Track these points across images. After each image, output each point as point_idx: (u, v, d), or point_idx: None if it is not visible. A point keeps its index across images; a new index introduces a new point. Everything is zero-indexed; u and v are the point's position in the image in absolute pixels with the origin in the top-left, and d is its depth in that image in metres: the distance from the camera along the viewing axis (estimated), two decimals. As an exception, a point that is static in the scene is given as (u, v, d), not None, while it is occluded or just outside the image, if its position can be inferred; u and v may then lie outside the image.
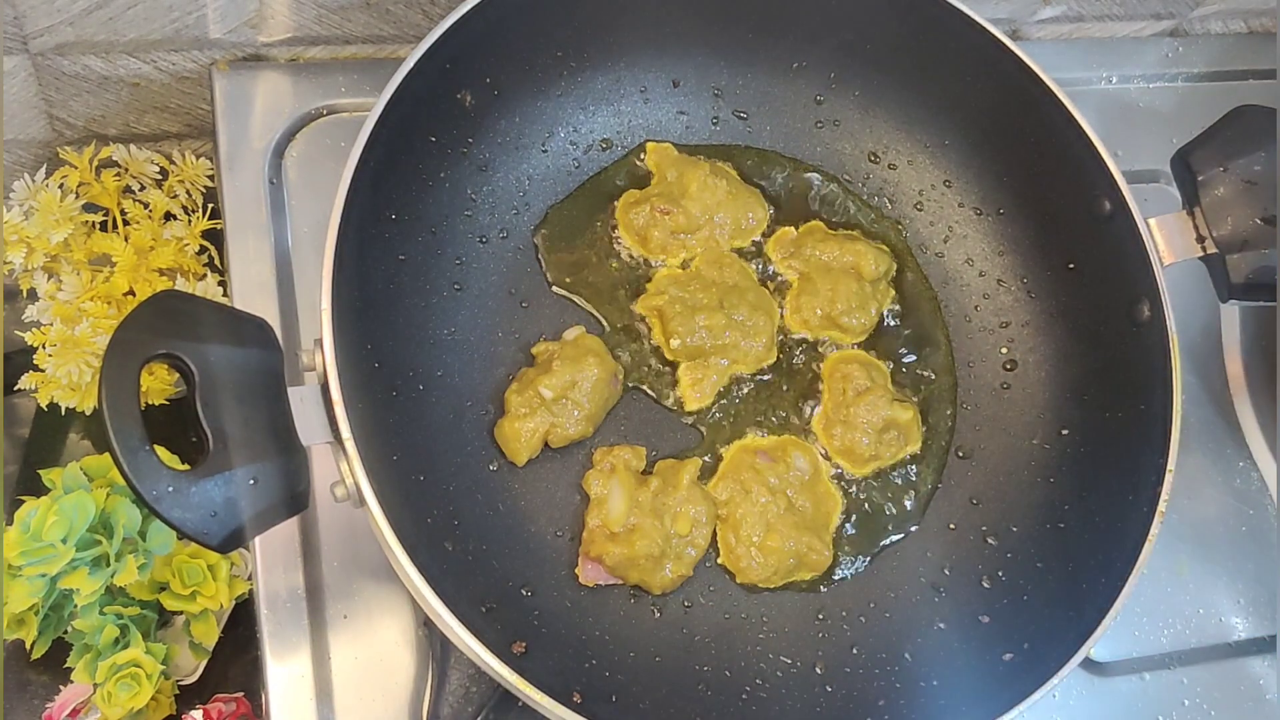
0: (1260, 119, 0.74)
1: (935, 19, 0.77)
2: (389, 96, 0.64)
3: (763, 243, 0.81)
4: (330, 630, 0.70)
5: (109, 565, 0.83)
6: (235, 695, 0.89)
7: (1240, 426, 0.91)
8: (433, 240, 0.72)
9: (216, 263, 0.89)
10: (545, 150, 0.79)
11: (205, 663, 0.90)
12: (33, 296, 0.85)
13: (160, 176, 0.89)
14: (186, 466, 0.52)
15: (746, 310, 0.76)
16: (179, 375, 0.54)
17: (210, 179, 0.89)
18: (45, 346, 0.82)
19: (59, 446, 0.98)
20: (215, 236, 0.86)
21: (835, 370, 0.77)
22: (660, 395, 0.76)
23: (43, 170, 0.86)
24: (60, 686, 0.87)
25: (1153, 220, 0.73)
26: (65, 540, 0.81)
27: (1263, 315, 0.94)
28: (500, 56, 0.73)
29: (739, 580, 0.72)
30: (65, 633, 0.87)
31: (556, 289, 0.77)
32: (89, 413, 0.86)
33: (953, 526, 0.76)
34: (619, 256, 0.79)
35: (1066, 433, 0.76)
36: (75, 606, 0.83)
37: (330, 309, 0.59)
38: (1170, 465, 0.68)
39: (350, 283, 0.62)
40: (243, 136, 0.81)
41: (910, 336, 0.81)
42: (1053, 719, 0.79)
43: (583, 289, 0.77)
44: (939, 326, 0.82)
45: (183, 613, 0.88)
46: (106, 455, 0.88)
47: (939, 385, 0.80)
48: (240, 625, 0.91)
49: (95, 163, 0.87)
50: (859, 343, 0.79)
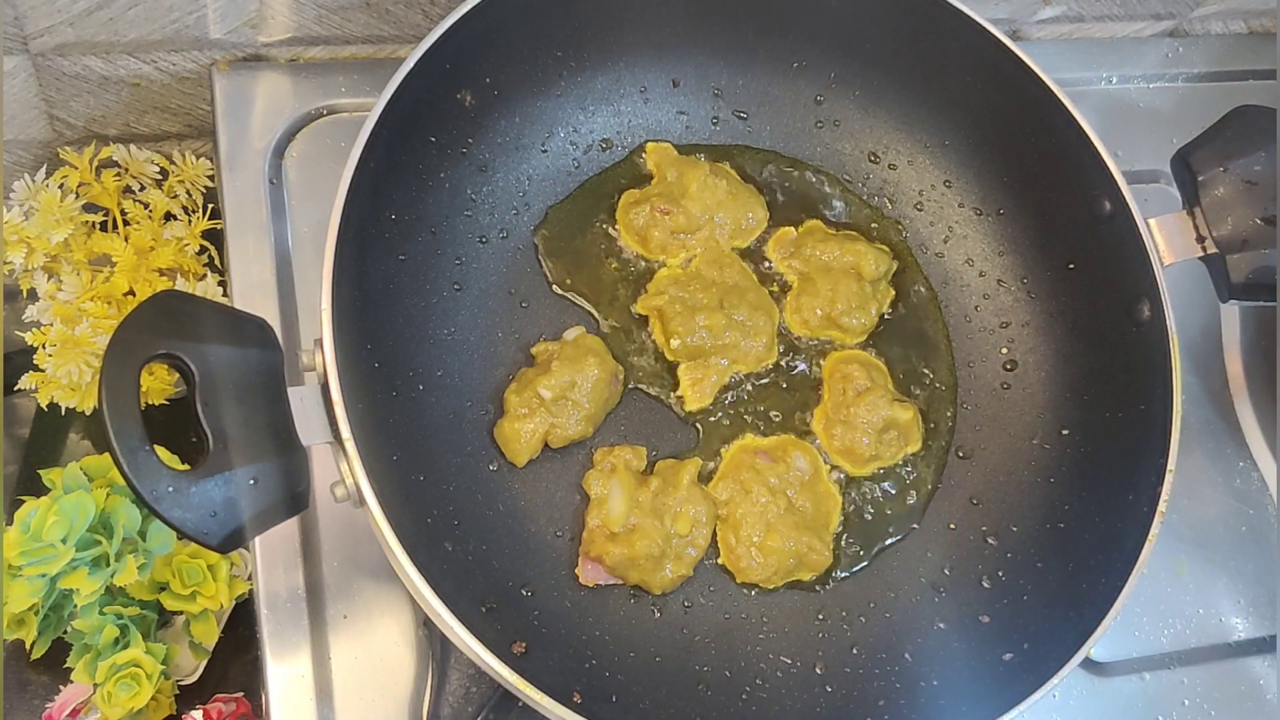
0: (1260, 119, 0.74)
1: (935, 19, 0.77)
2: (389, 96, 0.64)
3: (763, 243, 0.81)
4: (330, 630, 0.70)
5: (109, 565, 0.83)
6: (235, 695, 0.89)
7: (1240, 426, 0.91)
8: (433, 240, 0.72)
9: (216, 263, 0.89)
10: (545, 150, 0.79)
11: (205, 663, 0.90)
12: (33, 296, 0.85)
13: (160, 176, 0.89)
14: (186, 466, 0.52)
15: (746, 310, 0.76)
16: (179, 375, 0.54)
17: (210, 179, 0.89)
18: (45, 346, 0.82)
19: (59, 446, 0.98)
20: (215, 236, 0.86)
21: (835, 370, 0.77)
22: (660, 395, 0.76)
23: (43, 170, 0.86)
24: (60, 686, 0.87)
25: (1153, 220, 0.73)
26: (65, 540, 0.81)
27: (1263, 315, 0.94)
28: (500, 56, 0.73)
29: (739, 580, 0.72)
30: (65, 633, 0.87)
31: (556, 289, 0.77)
32: (89, 413, 0.86)
33: (953, 526, 0.76)
34: (619, 256, 0.79)
35: (1066, 433, 0.76)
36: (75, 606, 0.83)
37: (330, 309, 0.59)
38: (1170, 465, 0.68)
39: (350, 283, 0.62)
40: (243, 136, 0.81)
41: (910, 336, 0.81)
42: (1053, 719, 0.79)
43: (583, 289, 0.77)
44: (939, 327, 0.82)
45: (183, 613, 0.88)
46: (106, 455, 0.88)
47: (939, 385, 0.80)
48: (240, 625, 0.91)
49: (95, 163, 0.87)
50: (859, 343, 0.79)
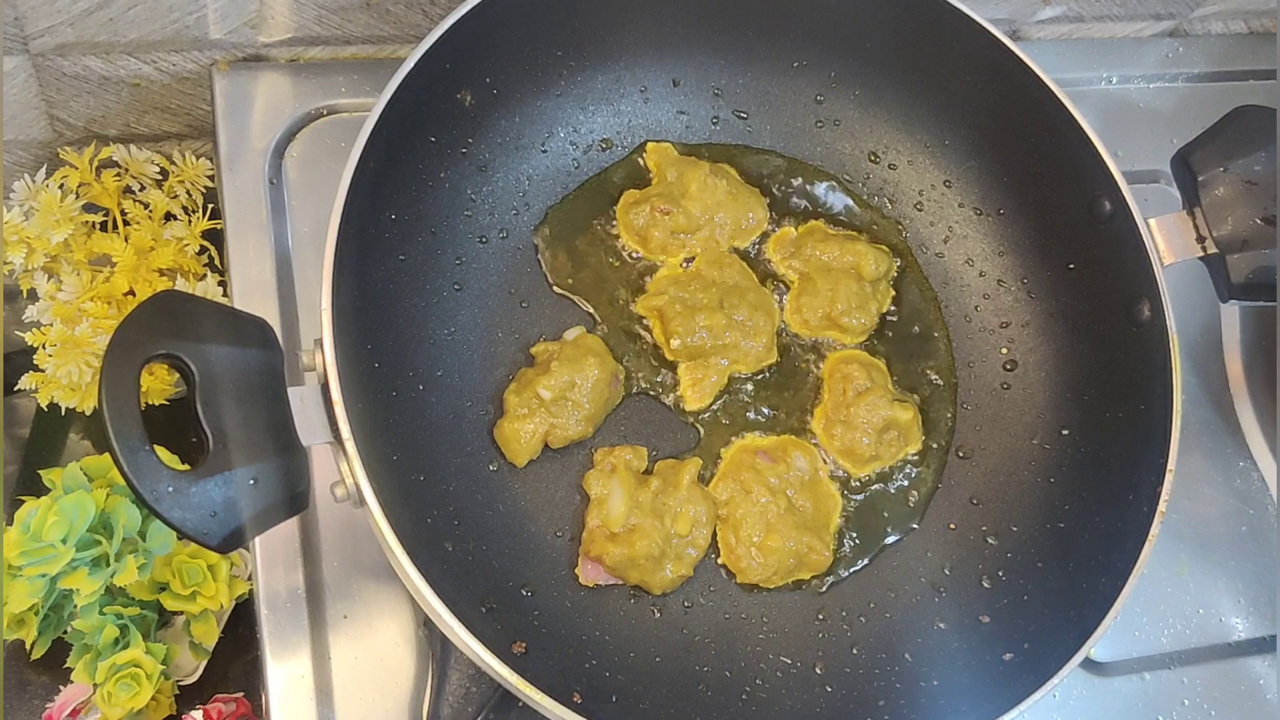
0: (1260, 119, 0.74)
1: (935, 19, 0.77)
2: (389, 96, 0.64)
3: (763, 243, 0.81)
4: (330, 630, 0.71)
5: (109, 565, 0.83)
6: (235, 695, 0.89)
7: (1240, 426, 0.91)
8: (433, 240, 0.72)
9: (216, 263, 0.89)
10: (545, 150, 0.79)
11: (205, 663, 0.90)
12: (33, 296, 0.85)
13: (160, 177, 0.89)
14: (186, 466, 0.52)
15: (747, 310, 0.76)
16: (179, 375, 0.54)
17: (210, 179, 0.89)
18: (45, 346, 0.82)
19: (59, 446, 0.98)
20: (215, 236, 0.86)
21: (835, 370, 0.77)
22: (660, 395, 0.76)
23: (43, 170, 0.86)
24: (60, 686, 0.87)
25: (1153, 220, 0.73)
26: (65, 540, 0.81)
27: (1263, 315, 0.94)
28: (500, 56, 0.73)
29: (739, 580, 0.72)
30: (65, 633, 0.87)
31: (556, 289, 0.77)
32: (89, 413, 0.86)
33: (953, 526, 0.76)
34: (619, 256, 0.79)
35: (1066, 433, 0.76)
36: (75, 606, 0.83)
37: (330, 309, 0.59)
38: (1170, 465, 0.68)
39: (350, 283, 0.62)
40: (243, 136, 0.81)
41: (910, 336, 0.81)
42: (1053, 719, 0.79)
43: (583, 289, 0.77)
44: (939, 326, 0.82)
45: (183, 613, 0.88)
46: (106, 455, 0.88)
47: (939, 385, 0.80)
48: (240, 625, 0.90)
49: (95, 163, 0.87)
50: (859, 343, 0.79)
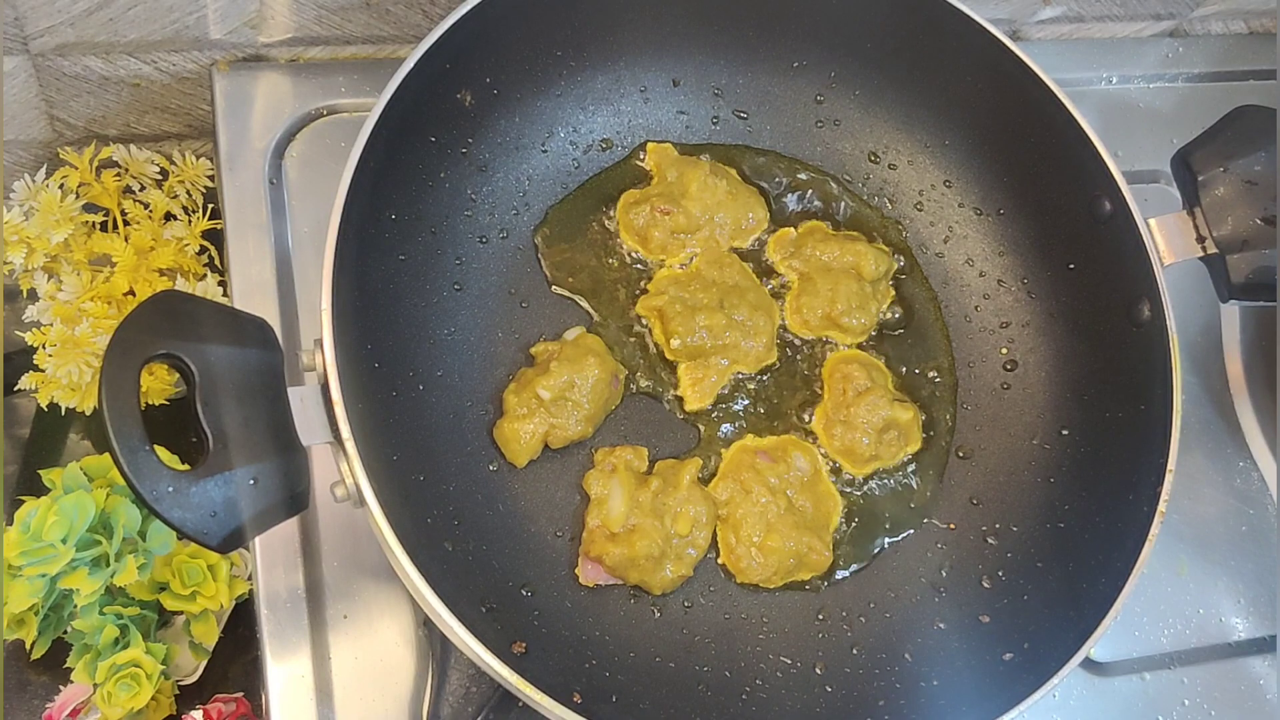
0: (1260, 119, 0.74)
1: (935, 19, 0.77)
2: (389, 96, 0.64)
3: (763, 243, 0.81)
4: (330, 630, 0.71)
5: (109, 565, 0.83)
6: (235, 695, 0.89)
7: (1240, 426, 0.91)
8: (433, 240, 0.72)
9: (216, 263, 0.89)
10: (545, 150, 0.79)
11: (205, 663, 0.90)
12: (33, 296, 0.85)
13: (160, 177, 0.89)
14: (186, 466, 0.52)
15: (747, 310, 0.76)
16: (179, 375, 0.54)
17: (210, 179, 0.89)
18: (45, 346, 0.82)
19: (59, 446, 0.98)
20: (215, 236, 0.86)
21: (835, 370, 0.77)
22: (660, 395, 0.76)
23: (43, 170, 0.86)
24: (60, 686, 0.87)
25: (1153, 220, 0.73)
26: (65, 540, 0.81)
27: (1263, 315, 0.94)
28: (500, 56, 0.73)
29: (739, 580, 0.72)
30: (65, 633, 0.87)
31: (556, 289, 0.77)
32: (89, 413, 0.86)
33: (953, 526, 0.76)
34: (619, 256, 0.79)
35: (1066, 433, 0.76)
36: (75, 606, 0.83)
37: (330, 309, 0.59)
38: (1170, 465, 0.68)
39: (350, 283, 0.62)
40: (243, 137, 0.81)
41: (910, 336, 0.81)
42: (1053, 719, 0.79)
43: (583, 289, 0.77)
44: (939, 326, 0.82)
45: (183, 613, 0.88)
46: (106, 455, 0.88)
47: (939, 385, 0.80)
48: (240, 625, 0.90)
49: (95, 163, 0.87)
50: (859, 343, 0.79)
